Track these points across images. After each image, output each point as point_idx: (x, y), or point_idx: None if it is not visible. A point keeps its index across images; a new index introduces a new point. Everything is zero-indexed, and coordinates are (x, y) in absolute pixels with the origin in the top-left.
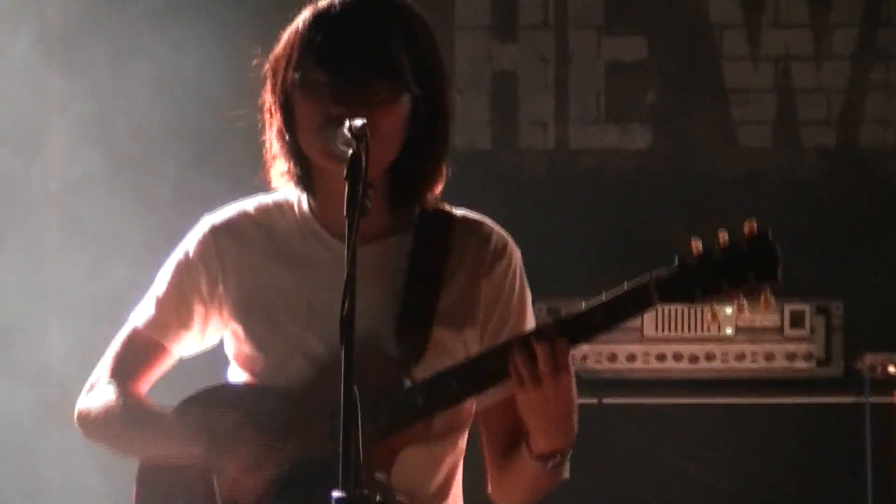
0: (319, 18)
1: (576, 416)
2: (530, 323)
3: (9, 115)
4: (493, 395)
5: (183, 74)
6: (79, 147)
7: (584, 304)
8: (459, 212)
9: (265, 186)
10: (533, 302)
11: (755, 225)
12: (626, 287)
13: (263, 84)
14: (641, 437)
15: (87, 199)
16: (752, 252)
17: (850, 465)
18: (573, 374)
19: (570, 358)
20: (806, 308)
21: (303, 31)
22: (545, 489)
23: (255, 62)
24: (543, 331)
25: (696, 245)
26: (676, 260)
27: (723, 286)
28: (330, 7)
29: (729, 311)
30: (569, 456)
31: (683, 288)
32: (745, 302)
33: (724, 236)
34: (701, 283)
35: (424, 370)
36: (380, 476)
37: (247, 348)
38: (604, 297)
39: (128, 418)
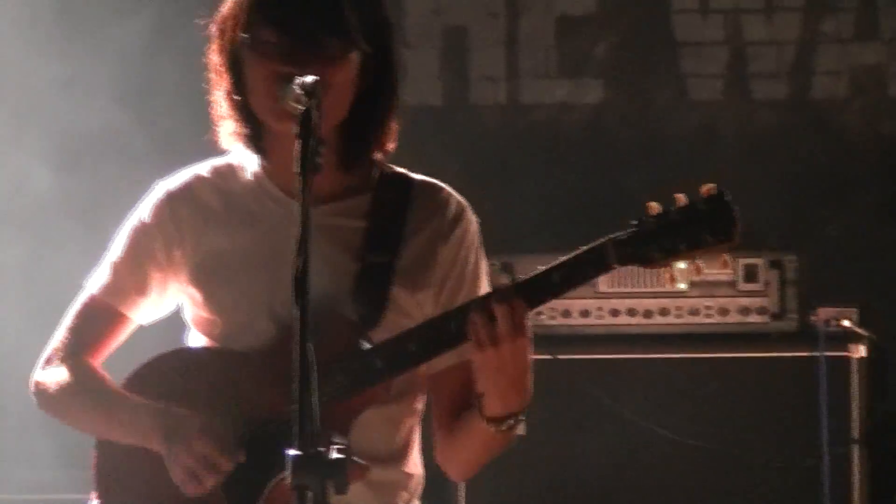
0: None
1: (531, 379)
2: (484, 289)
3: None
4: (446, 360)
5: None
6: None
7: (540, 267)
8: (418, 177)
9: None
10: (487, 257)
11: (712, 186)
12: (583, 249)
13: (210, 44)
14: (596, 391)
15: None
16: (708, 213)
17: (806, 418)
18: (530, 336)
19: (527, 320)
20: (760, 262)
21: None
22: (496, 451)
23: (201, 22)
24: (503, 293)
25: (654, 206)
26: (634, 222)
27: (681, 247)
28: None
29: (683, 265)
30: (522, 418)
31: (641, 250)
32: (702, 263)
33: (681, 198)
34: (658, 244)
35: (383, 331)
36: (337, 439)
37: (206, 312)
38: (561, 259)
39: (85, 400)
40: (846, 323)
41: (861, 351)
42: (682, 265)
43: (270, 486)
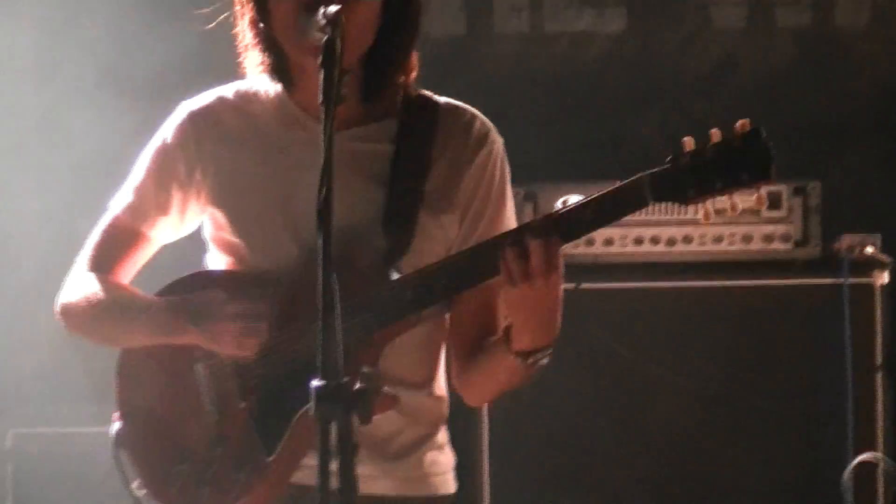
0: None
1: (559, 315)
2: (509, 211)
3: None
4: (474, 294)
5: None
6: None
7: (574, 198)
8: (443, 99)
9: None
10: (511, 186)
11: (746, 122)
12: (619, 185)
13: None
14: (620, 320)
15: None
16: (744, 151)
17: (830, 344)
18: (562, 272)
19: (560, 256)
20: (783, 189)
21: None
22: (519, 383)
23: None
24: (537, 227)
25: (689, 143)
26: (669, 158)
27: (716, 185)
28: None
29: (720, 203)
30: (549, 352)
31: (677, 187)
32: (738, 201)
33: (716, 134)
34: (694, 182)
35: (411, 258)
36: (366, 369)
37: (228, 233)
38: (597, 194)
39: (112, 305)
40: (869, 250)
41: (885, 277)
42: (718, 203)
43: (297, 416)
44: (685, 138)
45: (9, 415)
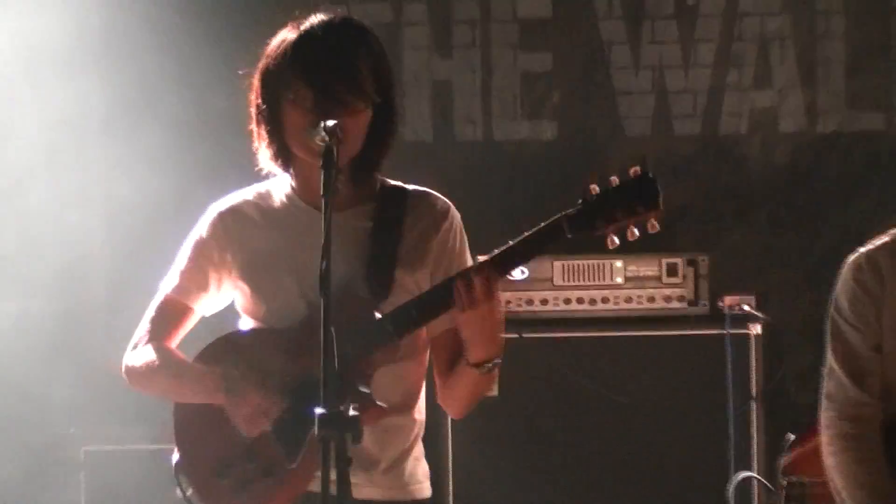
0: (304, 43)
1: (502, 332)
2: (468, 264)
3: None
4: (442, 324)
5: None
6: None
7: (510, 241)
8: (411, 186)
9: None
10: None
11: (638, 168)
12: (542, 224)
13: (251, 89)
14: (554, 363)
15: None
16: (638, 188)
17: (716, 382)
18: (500, 299)
19: (496, 286)
20: (679, 260)
21: (291, 53)
22: (481, 391)
23: (241, 71)
24: (479, 266)
25: (594, 188)
26: (580, 201)
27: (618, 216)
28: (311, 33)
29: (621, 230)
30: (498, 362)
31: (588, 221)
32: (635, 229)
33: (615, 180)
34: (600, 216)
35: (390, 305)
36: (363, 388)
37: (252, 301)
38: (526, 233)
39: (167, 371)
40: (746, 307)
41: (758, 329)
42: (620, 230)
43: (310, 435)
44: (591, 185)
45: (80, 434)
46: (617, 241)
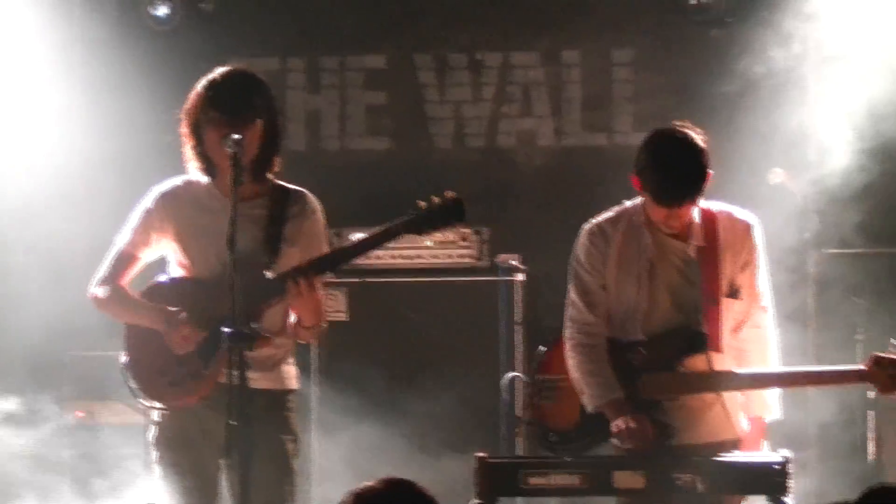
0: (214, 84)
1: (324, 309)
2: (325, 245)
3: None
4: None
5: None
6: None
7: (359, 236)
8: (292, 186)
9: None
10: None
11: (453, 193)
12: (382, 227)
13: (181, 121)
14: (386, 299)
15: None
16: (451, 207)
17: (494, 312)
18: (318, 290)
19: (315, 282)
20: (469, 231)
21: (202, 92)
22: (312, 335)
23: (174, 111)
24: (301, 268)
25: (422, 204)
26: (412, 211)
27: (437, 225)
28: (217, 79)
29: (436, 233)
30: (325, 325)
31: (417, 226)
32: (447, 232)
33: (435, 199)
34: (426, 223)
35: (278, 269)
36: (254, 324)
37: (181, 257)
38: (370, 232)
39: (118, 303)
40: (513, 262)
41: (521, 277)
42: (435, 233)
43: (221, 349)
44: (420, 202)
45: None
46: (432, 240)
